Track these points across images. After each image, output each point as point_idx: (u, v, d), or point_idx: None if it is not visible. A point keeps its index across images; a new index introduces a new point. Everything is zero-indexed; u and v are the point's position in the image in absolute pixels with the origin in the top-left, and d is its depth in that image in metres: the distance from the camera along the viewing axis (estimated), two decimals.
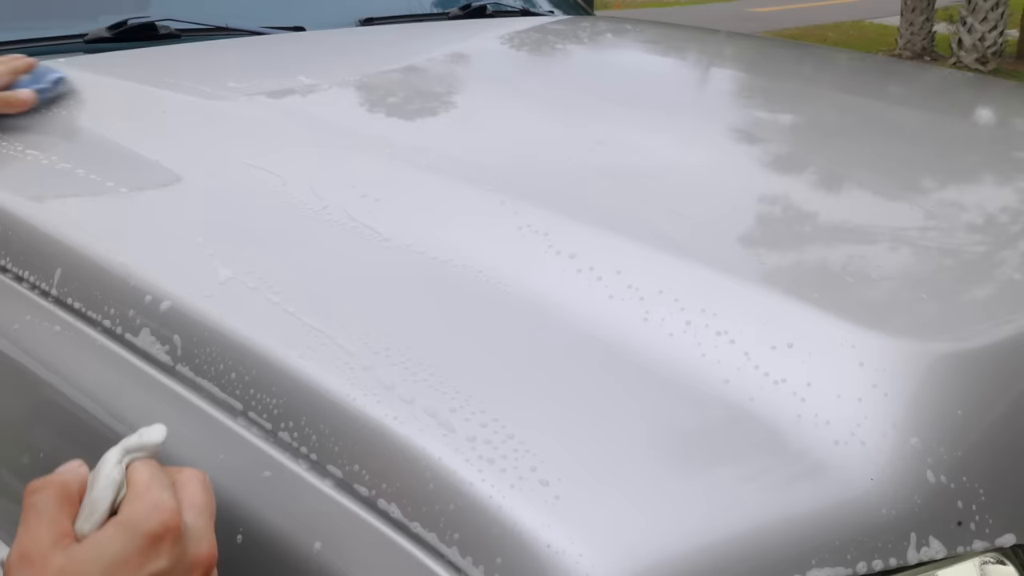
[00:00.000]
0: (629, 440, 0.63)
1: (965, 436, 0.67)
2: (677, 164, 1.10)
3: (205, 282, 0.80)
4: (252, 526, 0.66)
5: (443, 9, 1.95)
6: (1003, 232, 0.98)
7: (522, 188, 0.97)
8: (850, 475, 0.62)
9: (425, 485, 0.60)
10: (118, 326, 0.80)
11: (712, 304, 0.76)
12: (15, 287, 0.90)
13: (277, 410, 0.68)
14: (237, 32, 1.55)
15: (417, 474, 0.60)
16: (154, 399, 0.75)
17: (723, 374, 0.68)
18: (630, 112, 1.30)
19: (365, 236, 0.87)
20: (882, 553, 0.60)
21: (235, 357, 0.73)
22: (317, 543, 0.62)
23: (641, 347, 0.71)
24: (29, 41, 1.36)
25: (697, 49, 1.90)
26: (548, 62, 1.70)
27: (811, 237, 0.95)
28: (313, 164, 1.02)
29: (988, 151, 1.27)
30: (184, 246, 0.87)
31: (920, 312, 0.78)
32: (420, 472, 0.60)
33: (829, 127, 1.34)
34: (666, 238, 0.87)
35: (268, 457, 0.67)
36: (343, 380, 0.67)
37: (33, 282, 0.88)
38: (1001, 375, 0.73)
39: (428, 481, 0.60)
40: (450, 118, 1.29)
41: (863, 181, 1.10)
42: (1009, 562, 0.66)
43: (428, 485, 0.60)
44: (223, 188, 0.98)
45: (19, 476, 0.85)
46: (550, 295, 0.77)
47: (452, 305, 0.77)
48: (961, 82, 1.85)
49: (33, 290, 0.88)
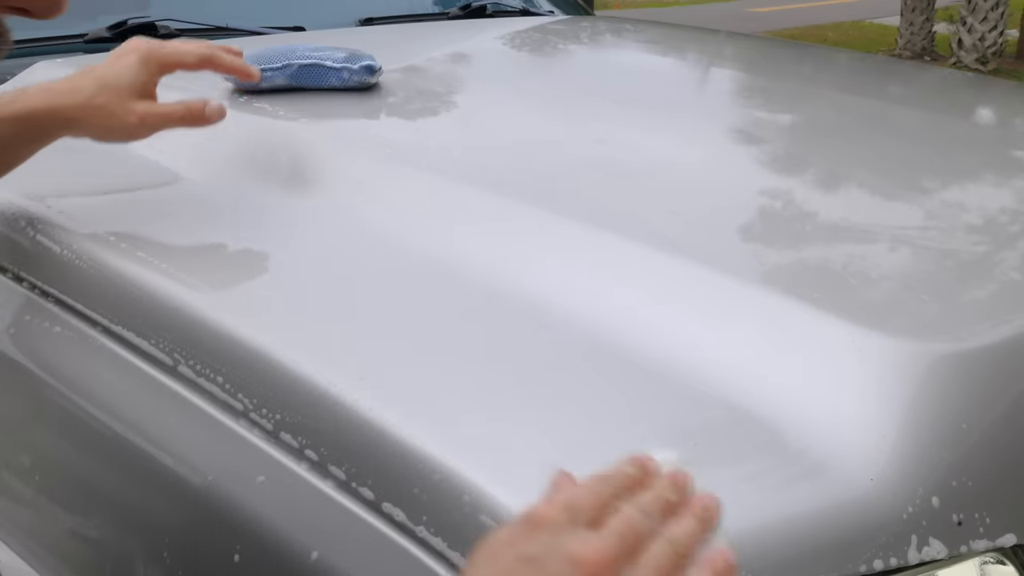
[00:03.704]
0: (629, 441, 0.63)
1: (965, 436, 0.67)
2: (677, 164, 1.10)
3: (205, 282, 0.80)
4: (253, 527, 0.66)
5: (443, 9, 1.95)
6: (1003, 232, 0.98)
7: (522, 188, 0.97)
8: (850, 475, 0.62)
9: (430, 487, 0.60)
10: (118, 325, 0.80)
11: (712, 304, 0.76)
12: (13, 286, 0.90)
13: (279, 413, 0.68)
14: (237, 32, 1.55)
15: (424, 477, 0.60)
16: (155, 399, 0.75)
17: (723, 374, 0.68)
18: (630, 112, 1.30)
19: (364, 234, 0.87)
20: (882, 553, 0.59)
21: (236, 358, 0.72)
22: (318, 544, 0.62)
23: (641, 347, 0.71)
24: (29, 41, 1.36)
25: (697, 49, 1.90)
26: (548, 62, 1.70)
27: (811, 237, 0.95)
28: (313, 164, 1.02)
29: (988, 151, 1.27)
30: (185, 245, 0.87)
31: (920, 312, 0.78)
32: (427, 475, 0.60)
33: (829, 127, 1.34)
34: (666, 238, 0.87)
35: (269, 458, 0.67)
36: (344, 380, 0.67)
37: (32, 282, 0.88)
38: (1001, 375, 0.73)
39: (433, 483, 0.60)
40: (450, 118, 1.29)
41: (863, 181, 1.10)
42: (1009, 562, 0.66)
43: (433, 487, 0.60)
44: (220, 188, 0.98)
45: (19, 476, 0.85)
46: (550, 295, 0.77)
47: (453, 305, 0.77)
48: (961, 82, 1.85)
49: (33, 290, 0.88)
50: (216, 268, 0.83)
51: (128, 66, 0.90)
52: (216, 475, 0.67)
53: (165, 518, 0.73)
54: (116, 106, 0.88)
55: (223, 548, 0.65)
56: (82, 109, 0.88)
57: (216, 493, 0.68)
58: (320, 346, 0.72)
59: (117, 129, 0.91)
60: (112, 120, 0.89)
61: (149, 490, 0.74)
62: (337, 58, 1.25)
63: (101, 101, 0.88)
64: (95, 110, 0.88)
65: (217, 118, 0.93)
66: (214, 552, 0.67)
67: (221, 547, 0.66)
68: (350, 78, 1.25)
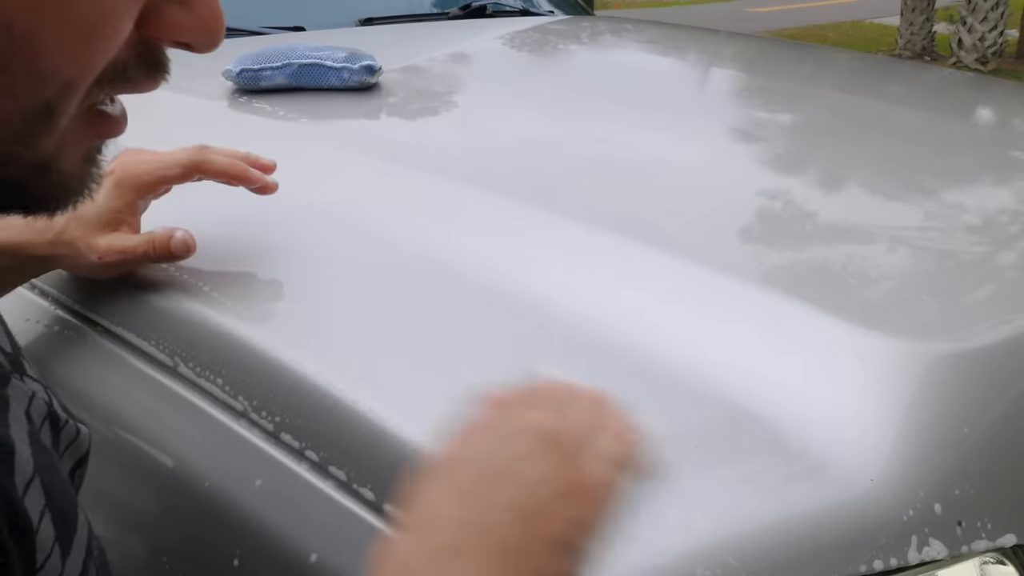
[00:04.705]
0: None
1: (965, 436, 0.67)
2: (677, 164, 1.10)
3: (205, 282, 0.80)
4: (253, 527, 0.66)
5: (443, 9, 1.96)
6: (1003, 232, 0.98)
7: (522, 188, 0.97)
8: (850, 475, 0.62)
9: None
10: (118, 326, 0.80)
11: (712, 304, 0.76)
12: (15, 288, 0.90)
13: (279, 412, 0.68)
14: (237, 32, 1.55)
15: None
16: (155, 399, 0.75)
17: (723, 374, 0.68)
18: (630, 112, 1.30)
19: (364, 234, 0.87)
20: (882, 553, 0.59)
21: (235, 358, 0.72)
22: (318, 545, 0.62)
23: (641, 347, 0.71)
24: None
25: (697, 49, 1.90)
26: (548, 62, 1.70)
27: (811, 237, 0.95)
28: (313, 164, 1.02)
29: (988, 151, 1.27)
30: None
31: (920, 312, 0.78)
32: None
33: (829, 127, 1.34)
34: (666, 238, 0.87)
35: (270, 458, 0.67)
36: (344, 380, 0.67)
37: (33, 283, 0.88)
38: (1001, 375, 0.73)
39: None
40: (450, 118, 1.29)
41: (863, 181, 1.10)
42: (1009, 562, 0.66)
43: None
44: (220, 188, 0.98)
45: None
46: (551, 295, 0.77)
47: (453, 305, 0.77)
48: (961, 82, 1.85)
49: (33, 290, 0.88)
50: (216, 268, 0.82)
51: (102, 192, 0.78)
52: (216, 476, 0.67)
53: (164, 519, 0.73)
54: (81, 242, 0.78)
55: (223, 549, 0.65)
56: (53, 246, 0.78)
57: (216, 494, 0.68)
58: (320, 346, 0.71)
59: (84, 267, 0.81)
60: (79, 257, 0.79)
61: (149, 490, 0.74)
62: (337, 58, 1.25)
63: (69, 236, 0.78)
64: (64, 246, 0.78)
65: (183, 253, 0.80)
66: (214, 553, 0.67)
67: (221, 548, 0.66)
68: (350, 78, 1.25)
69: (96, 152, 0.46)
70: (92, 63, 0.40)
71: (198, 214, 0.94)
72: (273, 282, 0.82)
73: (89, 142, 0.45)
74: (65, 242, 0.78)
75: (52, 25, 0.37)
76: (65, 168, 0.43)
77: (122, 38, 0.40)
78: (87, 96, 0.41)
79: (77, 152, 0.44)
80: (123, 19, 0.40)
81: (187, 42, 0.44)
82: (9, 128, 0.39)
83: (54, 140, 0.41)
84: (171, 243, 0.79)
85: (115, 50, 0.40)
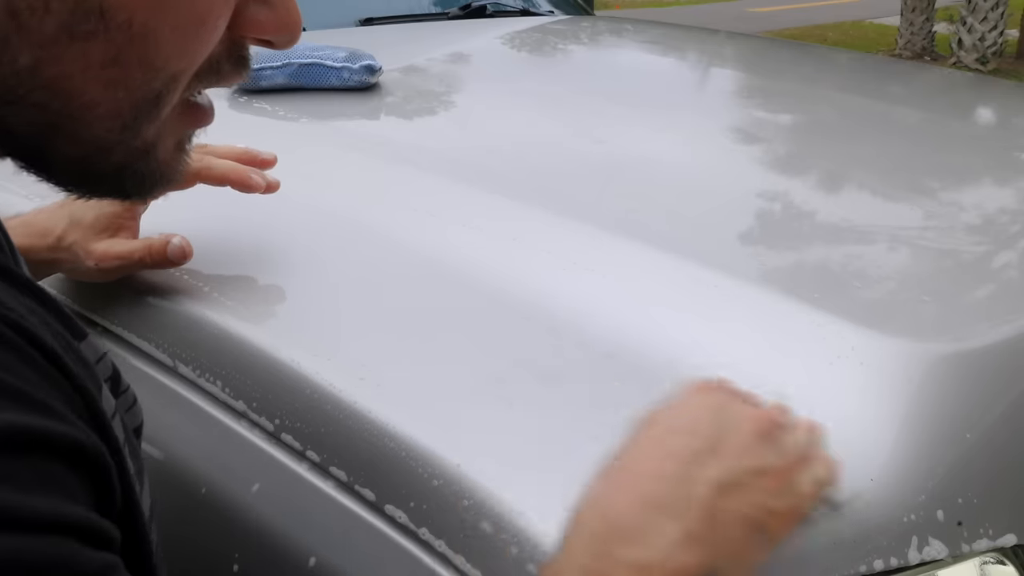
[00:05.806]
0: None
1: (965, 436, 0.67)
2: (677, 164, 1.10)
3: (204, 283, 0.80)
4: (253, 528, 0.66)
5: (443, 9, 1.96)
6: (1003, 232, 0.98)
7: (522, 188, 0.96)
8: (850, 475, 0.62)
9: (431, 489, 0.60)
10: (118, 327, 0.80)
11: (712, 304, 0.76)
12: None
13: (280, 413, 0.68)
14: None
15: (426, 479, 0.60)
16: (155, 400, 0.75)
17: (723, 374, 0.68)
18: (630, 112, 1.30)
19: (364, 234, 0.87)
20: (882, 553, 0.59)
21: (235, 358, 0.72)
22: (319, 545, 0.62)
23: (641, 347, 0.71)
24: None
25: (697, 49, 1.90)
26: (548, 62, 1.70)
27: (811, 237, 0.95)
28: (313, 164, 1.02)
29: (988, 151, 1.27)
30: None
31: (920, 313, 0.78)
32: (429, 477, 0.60)
33: (829, 127, 1.34)
34: (665, 238, 0.87)
35: (270, 459, 0.67)
36: (343, 380, 0.67)
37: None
38: (1001, 375, 0.73)
39: (435, 486, 0.60)
40: (450, 118, 1.29)
41: (863, 181, 1.10)
42: (1009, 562, 0.66)
43: (435, 489, 0.60)
44: (219, 188, 0.98)
45: None
46: (551, 295, 0.77)
47: (453, 305, 0.77)
48: (961, 82, 1.85)
49: None
50: (216, 268, 0.82)
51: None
52: (216, 476, 0.67)
53: (164, 519, 0.73)
54: (79, 247, 0.77)
55: (223, 549, 0.65)
56: (53, 251, 0.77)
57: (216, 494, 0.68)
58: (320, 347, 0.71)
59: (82, 272, 0.80)
60: (77, 262, 0.78)
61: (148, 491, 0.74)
62: (337, 58, 1.25)
63: (69, 241, 0.77)
64: (64, 252, 0.77)
65: (180, 259, 0.79)
66: (214, 553, 0.67)
67: (221, 548, 0.66)
68: (350, 78, 1.25)
69: (187, 141, 0.48)
70: (197, 56, 0.42)
71: (198, 214, 0.95)
72: (273, 282, 0.82)
73: (182, 131, 0.47)
74: (64, 247, 0.77)
75: (169, 21, 0.40)
76: (161, 156, 0.45)
77: (221, 33, 0.43)
78: (187, 88, 0.44)
79: (172, 140, 0.46)
80: (223, 15, 0.43)
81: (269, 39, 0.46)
82: (120, 118, 0.41)
83: (156, 129, 0.43)
84: (168, 249, 0.78)
85: (214, 45, 0.43)
